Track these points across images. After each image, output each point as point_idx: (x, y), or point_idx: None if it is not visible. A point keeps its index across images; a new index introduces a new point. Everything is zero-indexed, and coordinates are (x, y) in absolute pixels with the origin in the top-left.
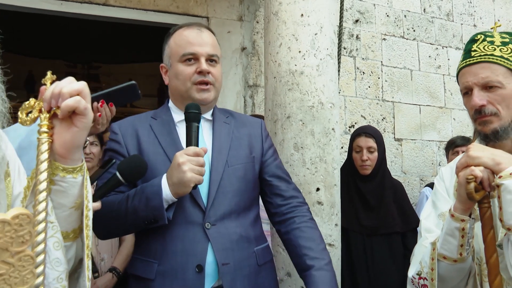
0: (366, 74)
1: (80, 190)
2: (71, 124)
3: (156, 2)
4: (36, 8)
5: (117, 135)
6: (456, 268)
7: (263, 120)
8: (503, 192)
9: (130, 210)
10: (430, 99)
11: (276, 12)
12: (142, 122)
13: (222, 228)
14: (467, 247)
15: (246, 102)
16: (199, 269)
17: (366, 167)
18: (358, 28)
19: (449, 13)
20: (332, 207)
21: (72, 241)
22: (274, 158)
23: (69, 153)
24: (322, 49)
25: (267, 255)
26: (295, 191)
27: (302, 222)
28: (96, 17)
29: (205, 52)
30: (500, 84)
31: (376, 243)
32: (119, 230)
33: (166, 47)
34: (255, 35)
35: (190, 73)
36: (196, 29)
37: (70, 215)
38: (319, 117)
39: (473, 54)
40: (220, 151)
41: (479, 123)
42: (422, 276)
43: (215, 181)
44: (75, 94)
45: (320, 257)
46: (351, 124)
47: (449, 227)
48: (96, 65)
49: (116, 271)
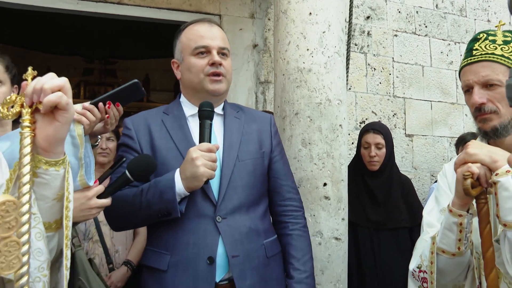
0: (377, 70)
1: (62, 182)
2: (53, 118)
3: (169, 1)
4: (53, 8)
5: (130, 131)
6: (455, 262)
7: (272, 116)
8: (499, 189)
9: (144, 203)
10: (442, 95)
11: (285, 11)
12: (154, 117)
13: (232, 221)
14: (465, 242)
15: (257, 98)
16: (210, 261)
17: (374, 163)
18: (369, 25)
19: (462, 8)
20: (339, 202)
21: (54, 232)
22: (282, 155)
23: (52, 147)
24: (330, 47)
25: (276, 247)
26: (295, 192)
27: (295, 230)
28: (111, 16)
29: (216, 45)
30: (500, 82)
31: (383, 237)
32: (133, 222)
33: (177, 43)
34: (266, 32)
35: (203, 65)
36: (206, 23)
37: (52, 206)
38: (326, 113)
39: (474, 53)
40: (231, 146)
41: (479, 120)
42: (422, 269)
43: (226, 176)
44: (57, 90)
45: (302, 269)
46: (362, 120)
47: (447, 222)
48: (113, 60)
49: (131, 264)
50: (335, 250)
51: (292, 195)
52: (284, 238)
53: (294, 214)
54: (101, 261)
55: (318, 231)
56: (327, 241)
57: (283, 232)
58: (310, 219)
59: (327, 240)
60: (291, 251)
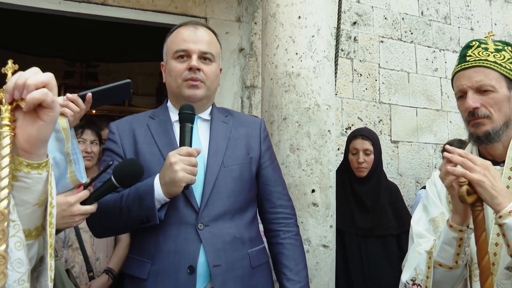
0: (363, 76)
1: (45, 186)
2: (37, 117)
3: (155, 2)
4: (35, 7)
5: (114, 135)
6: (451, 275)
7: (263, 120)
8: (506, 230)
9: (124, 209)
10: (427, 102)
11: (273, 14)
12: (140, 122)
13: (215, 229)
14: (463, 255)
15: (243, 103)
16: (190, 270)
17: (362, 169)
18: (356, 30)
19: (446, 16)
20: (327, 209)
21: (35, 239)
22: (272, 160)
23: (34, 148)
24: (319, 51)
25: (262, 257)
26: (287, 199)
27: (287, 238)
28: (95, 17)
29: (197, 49)
30: (493, 88)
31: (371, 244)
32: (115, 229)
33: (164, 45)
34: (253, 36)
35: (181, 69)
36: (191, 26)
37: (33, 212)
38: (315, 119)
39: (468, 59)
40: (216, 151)
41: (472, 125)
42: (417, 282)
43: (209, 182)
44: (41, 86)
45: (295, 279)
46: (348, 126)
47: (446, 236)
48: (94, 63)
49: (112, 272)
50: (323, 258)
51: (283, 202)
52: (276, 247)
53: (285, 221)
54: (81, 269)
55: (306, 239)
56: (315, 249)
57: (274, 241)
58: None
59: (315, 248)
60: (283, 261)
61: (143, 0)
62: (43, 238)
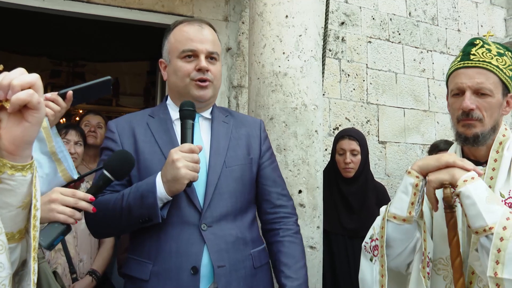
0: (351, 76)
1: (29, 188)
2: (22, 118)
3: (141, 1)
4: (18, 4)
5: (113, 134)
6: (403, 229)
7: (262, 121)
8: (462, 199)
9: (125, 208)
10: (414, 103)
11: (260, 13)
12: (139, 120)
13: (218, 230)
14: (416, 207)
15: (230, 103)
16: (194, 271)
17: (349, 169)
18: (343, 31)
19: (434, 17)
20: (314, 210)
21: (17, 242)
22: (271, 161)
23: (19, 150)
24: (306, 50)
25: (264, 257)
26: (286, 199)
27: (286, 236)
28: (80, 15)
29: (205, 49)
30: (491, 92)
31: (358, 245)
32: (116, 229)
33: (166, 42)
34: (240, 35)
35: (189, 69)
36: (197, 25)
37: (17, 215)
38: (302, 119)
39: (472, 58)
40: (218, 151)
41: (463, 125)
42: (374, 237)
43: (212, 182)
44: (27, 87)
45: (294, 277)
46: (335, 126)
47: (404, 184)
48: (81, 63)
49: (96, 274)
50: (310, 259)
51: (283, 202)
52: (275, 245)
53: (284, 220)
54: (64, 271)
55: None
56: None
57: (274, 240)
58: None
59: None
60: (282, 259)
61: None
62: (26, 241)
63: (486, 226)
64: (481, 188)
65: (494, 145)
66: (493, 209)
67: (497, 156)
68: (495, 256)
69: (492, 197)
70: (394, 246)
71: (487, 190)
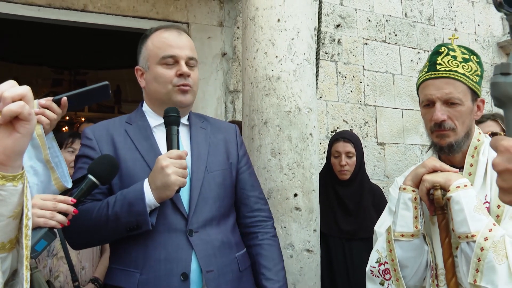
0: (348, 78)
1: (20, 198)
2: (13, 129)
3: (136, 8)
4: (13, 14)
5: (91, 141)
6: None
7: (237, 126)
8: (452, 203)
9: (111, 217)
10: (412, 103)
11: (253, 17)
12: (117, 127)
13: (205, 235)
14: (420, 220)
15: (226, 108)
16: (184, 277)
17: (345, 172)
18: (339, 33)
19: (430, 17)
20: (311, 213)
21: (8, 252)
22: (248, 166)
23: (10, 160)
24: (299, 54)
25: (247, 260)
26: (263, 203)
27: (265, 239)
28: (75, 23)
29: (185, 55)
30: (460, 101)
31: (355, 247)
32: (97, 238)
33: (143, 49)
34: (235, 40)
35: (171, 75)
36: (175, 31)
37: (7, 224)
38: (296, 122)
39: (438, 68)
40: (199, 156)
41: (436, 135)
42: (382, 261)
43: (196, 188)
44: (18, 99)
45: (275, 279)
46: (333, 129)
47: (402, 201)
48: (83, 71)
49: (98, 282)
50: (307, 263)
51: (260, 206)
52: (254, 249)
53: (263, 224)
54: (66, 279)
55: (290, 244)
56: (299, 254)
57: (253, 243)
58: (281, 231)
59: (299, 253)
60: (261, 261)
61: (124, 6)
62: (17, 251)
63: (469, 233)
64: (471, 197)
65: (469, 150)
66: (478, 218)
67: (472, 161)
68: (475, 264)
69: (480, 207)
70: (409, 266)
71: (477, 199)
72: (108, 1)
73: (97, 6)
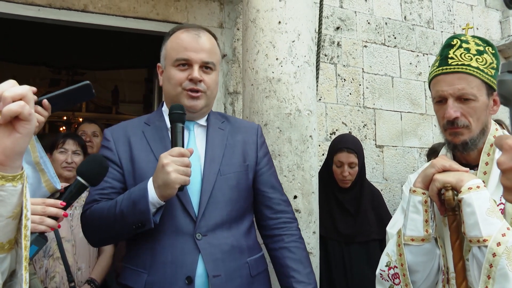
0: (347, 81)
1: (19, 198)
2: (13, 129)
3: (136, 9)
4: (13, 14)
5: (109, 142)
6: (424, 250)
7: (260, 126)
8: (463, 205)
9: (118, 215)
10: (411, 106)
11: (253, 20)
12: (135, 128)
13: (213, 239)
14: (431, 223)
15: (226, 110)
16: (188, 281)
17: (347, 182)
18: (339, 35)
19: (429, 20)
20: (310, 215)
21: (7, 253)
22: (269, 167)
23: (10, 160)
24: (300, 56)
25: (261, 265)
26: (286, 205)
27: (291, 242)
28: (75, 24)
29: (199, 59)
30: (474, 97)
31: (354, 251)
32: (110, 236)
33: (163, 48)
34: (235, 42)
35: (182, 78)
36: (193, 33)
37: (6, 225)
38: (296, 124)
39: (450, 62)
40: (212, 159)
41: (450, 133)
42: (392, 265)
43: (206, 191)
44: (18, 99)
45: (306, 281)
46: (332, 131)
47: (412, 204)
48: (81, 71)
49: (94, 283)
50: None
51: (284, 208)
52: (280, 251)
53: (287, 225)
54: (62, 279)
55: None
56: None
57: (278, 246)
58: None
59: None
60: (291, 264)
61: (124, 7)
62: (16, 252)
63: (481, 237)
64: (484, 199)
65: (484, 148)
66: (491, 222)
67: (488, 159)
68: (487, 270)
69: (493, 210)
70: (420, 270)
71: (490, 201)
72: (108, 1)
73: (97, 6)
